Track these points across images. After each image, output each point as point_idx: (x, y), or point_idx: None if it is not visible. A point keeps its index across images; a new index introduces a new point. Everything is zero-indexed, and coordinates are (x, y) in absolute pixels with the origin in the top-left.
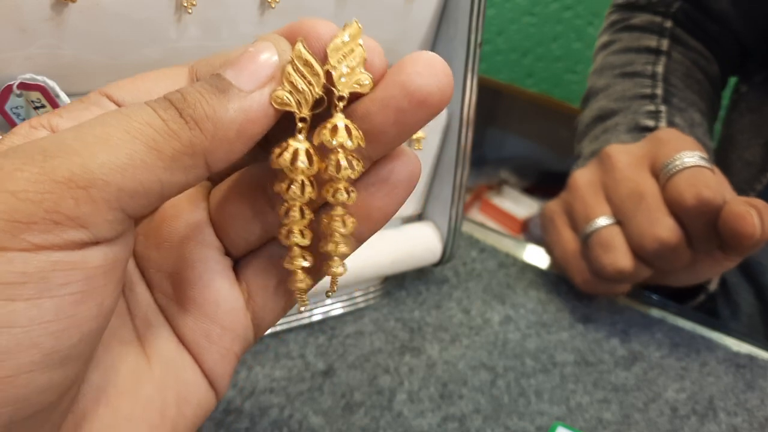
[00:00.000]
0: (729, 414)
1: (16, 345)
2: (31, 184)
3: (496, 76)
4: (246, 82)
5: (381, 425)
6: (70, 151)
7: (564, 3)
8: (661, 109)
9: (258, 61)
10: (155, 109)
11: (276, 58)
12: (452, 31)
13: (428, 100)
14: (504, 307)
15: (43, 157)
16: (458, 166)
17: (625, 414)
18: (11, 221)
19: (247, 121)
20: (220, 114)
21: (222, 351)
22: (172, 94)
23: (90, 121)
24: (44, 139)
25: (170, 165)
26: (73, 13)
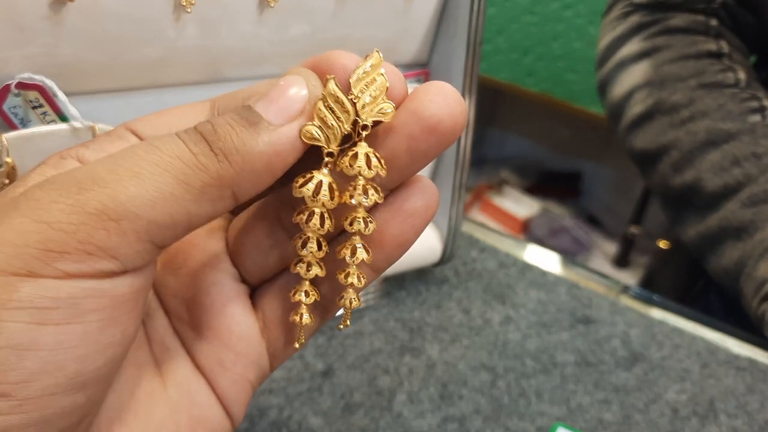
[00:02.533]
0: (729, 416)
1: (43, 368)
2: (66, 215)
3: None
4: (276, 115)
5: (380, 426)
6: (102, 183)
7: (565, 2)
8: None
9: (288, 95)
10: (185, 141)
11: (305, 93)
12: (452, 30)
13: (439, 126)
14: (504, 308)
15: (77, 190)
16: (458, 166)
17: (626, 415)
18: (46, 250)
19: (275, 155)
20: (250, 147)
21: (235, 377)
22: (203, 125)
23: (121, 153)
24: (78, 170)
25: (198, 197)
26: (71, 13)
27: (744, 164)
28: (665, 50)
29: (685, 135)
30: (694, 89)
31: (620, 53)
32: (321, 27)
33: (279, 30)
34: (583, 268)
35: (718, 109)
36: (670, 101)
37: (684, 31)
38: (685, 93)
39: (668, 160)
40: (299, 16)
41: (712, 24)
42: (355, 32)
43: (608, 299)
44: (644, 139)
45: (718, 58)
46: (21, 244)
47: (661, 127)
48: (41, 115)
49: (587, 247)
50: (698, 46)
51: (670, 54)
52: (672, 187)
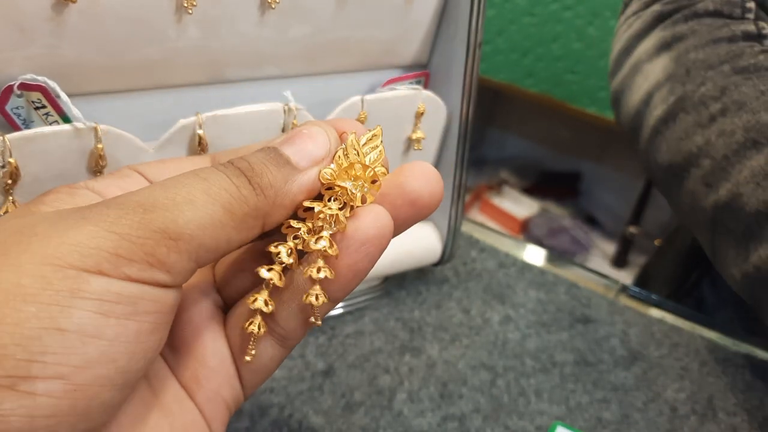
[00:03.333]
0: (728, 414)
1: (100, 357)
2: (134, 229)
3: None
4: (302, 159)
5: (381, 425)
6: (162, 207)
7: (564, 3)
8: None
9: (316, 143)
10: (228, 175)
11: (328, 143)
12: (452, 31)
13: (418, 201)
14: (504, 307)
15: (142, 210)
16: (458, 166)
17: (625, 414)
18: (116, 255)
19: (300, 192)
20: (281, 184)
21: (210, 394)
22: (239, 161)
23: (173, 181)
24: (136, 194)
25: (238, 225)
26: (73, 14)
27: None
28: (690, 37)
29: (717, 137)
30: (728, 76)
31: (636, 52)
32: (322, 28)
33: (280, 31)
34: (582, 267)
35: (759, 99)
36: (697, 94)
37: (714, 14)
38: (717, 81)
39: (698, 173)
40: (300, 18)
41: (749, 5)
42: (355, 33)
43: (607, 299)
44: (667, 149)
45: (758, 40)
46: (94, 246)
47: (686, 130)
48: (44, 116)
49: (586, 247)
50: (732, 27)
51: (695, 40)
52: (704, 210)
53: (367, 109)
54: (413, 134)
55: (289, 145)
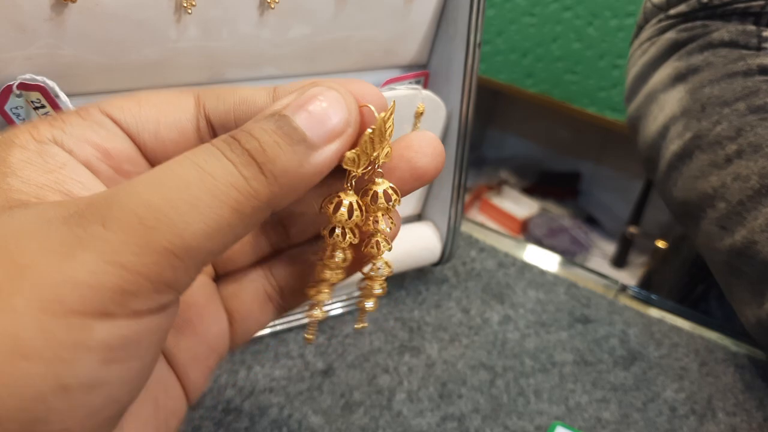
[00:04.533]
0: (728, 414)
1: (104, 402)
2: (138, 257)
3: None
4: (319, 134)
5: (380, 425)
6: (165, 220)
7: (564, 3)
8: None
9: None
10: (236, 165)
11: (347, 113)
12: (452, 31)
13: (425, 176)
14: (503, 307)
15: (144, 229)
16: (457, 166)
17: (624, 413)
18: (121, 291)
19: (315, 174)
20: (296, 168)
21: (204, 369)
22: (246, 139)
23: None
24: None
25: (248, 222)
26: (73, 14)
27: None
28: (705, 69)
29: (733, 180)
30: (744, 115)
31: (652, 81)
32: (321, 28)
33: (279, 31)
34: (582, 267)
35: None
36: (712, 133)
37: (730, 44)
38: (732, 121)
39: (713, 215)
40: (299, 18)
41: (765, 34)
42: (355, 34)
43: (606, 299)
44: (683, 186)
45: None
46: (97, 285)
47: (702, 169)
48: (43, 115)
49: (586, 247)
50: (747, 60)
51: (711, 73)
52: (719, 251)
53: None
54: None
55: (302, 114)
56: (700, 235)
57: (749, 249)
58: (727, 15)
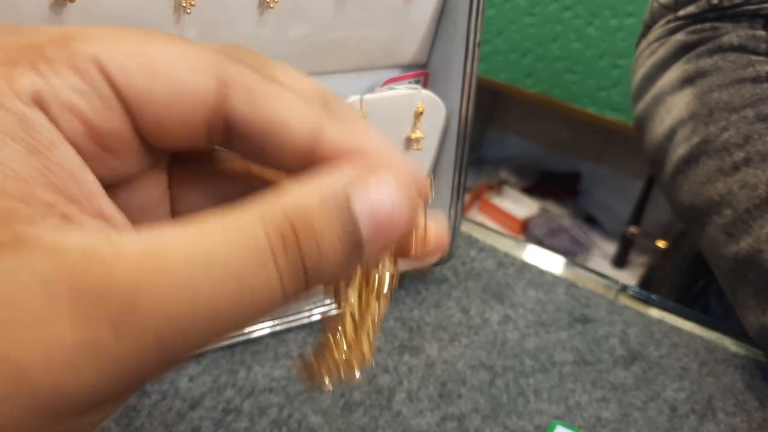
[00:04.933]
0: (728, 414)
1: None
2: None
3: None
4: (375, 244)
5: (380, 424)
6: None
7: (563, 3)
8: None
9: (397, 228)
10: (283, 277)
11: (408, 227)
12: (451, 31)
13: (425, 262)
14: (503, 307)
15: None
16: (457, 166)
17: (624, 413)
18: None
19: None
20: (337, 271)
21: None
22: (307, 239)
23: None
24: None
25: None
26: (71, 13)
27: None
28: (714, 74)
29: (740, 188)
30: (752, 123)
31: (660, 82)
32: (321, 28)
33: (279, 31)
34: (582, 267)
35: None
36: (720, 139)
37: (739, 49)
38: (740, 128)
39: (719, 221)
40: (299, 17)
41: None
42: (354, 33)
43: (606, 299)
44: (689, 191)
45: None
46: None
47: (708, 175)
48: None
49: (586, 247)
50: (756, 67)
51: (719, 78)
52: (725, 257)
53: (366, 108)
54: (412, 134)
55: (367, 216)
56: (705, 239)
57: (755, 257)
58: (737, 16)
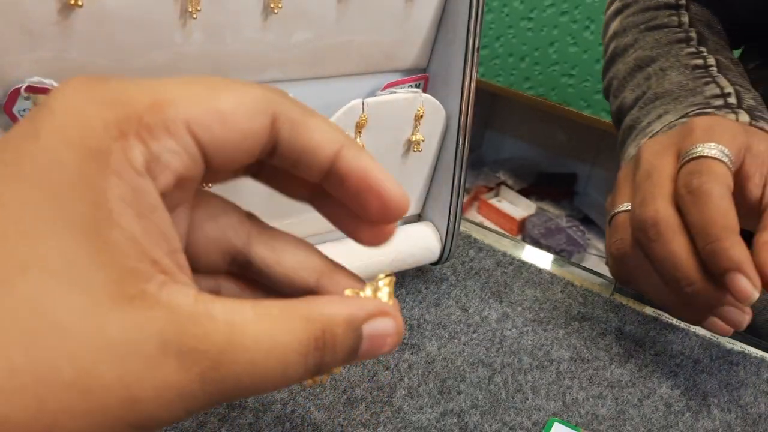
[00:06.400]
0: (722, 410)
1: None
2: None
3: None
4: (364, 354)
5: (381, 420)
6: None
7: (560, 8)
8: (702, 49)
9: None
10: (306, 368)
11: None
12: (451, 36)
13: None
14: (501, 305)
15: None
16: (456, 168)
17: (620, 409)
18: None
19: None
20: (336, 366)
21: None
22: (331, 347)
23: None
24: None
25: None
26: (79, 18)
27: (652, 77)
28: (632, 6)
29: (622, 65)
30: (642, 31)
31: (606, 15)
32: (323, 33)
33: (283, 36)
34: (578, 266)
35: (652, 42)
36: (622, 44)
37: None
38: (634, 36)
39: (611, 90)
40: (302, 22)
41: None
42: (356, 38)
43: (603, 297)
44: (603, 81)
45: (674, 8)
46: None
47: (613, 67)
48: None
49: (582, 247)
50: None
51: (633, 9)
52: (614, 113)
53: (367, 111)
54: (413, 136)
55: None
56: (612, 109)
57: (623, 104)
58: None
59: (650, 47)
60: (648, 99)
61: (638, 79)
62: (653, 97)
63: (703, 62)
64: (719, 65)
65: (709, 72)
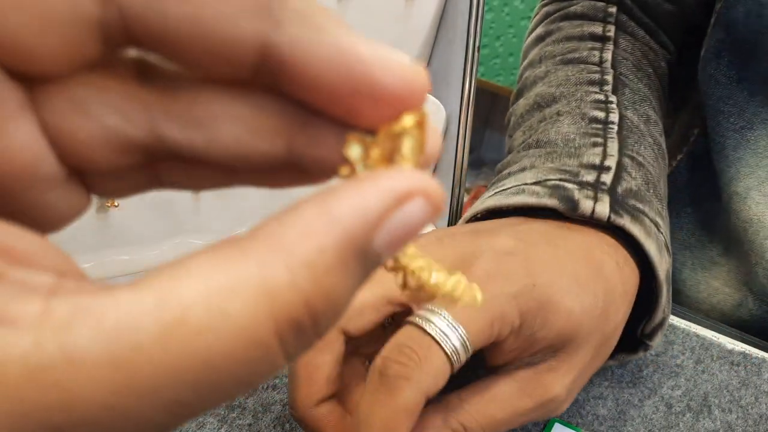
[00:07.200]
0: (723, 411)
1: None
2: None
3: (494, 79)
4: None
5: None
6: None
7: None
8: (612, 99)
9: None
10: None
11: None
12: (451, 35)
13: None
14: None
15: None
16: (456, 168)
17: (621, 410)
18: None
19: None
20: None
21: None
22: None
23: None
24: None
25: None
26: None
27: (546, 120)
28: (555, 33)
29: (523, 101)
30: (556, 64)
31: (525, 39)
32: None
33: None
34: None
35: (562, 78)
36: (532, 77)
37: (581, 16)
38: (547, 67)
39: (508, 128)
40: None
41: (610, 10)
42: None
43: None
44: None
45: (600, 40)
46: None
47: (516, 101)
48: None
49: None
50: (583, 28)
51: (556, 36)
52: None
53: None
54: None
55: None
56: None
57: (511, 145)
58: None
59: (557, 84)
60: (527, 144)
61: (532, 121)
62: (533, 143)
63: (604, 116)
64: (622, 124)
65: (606, 130)
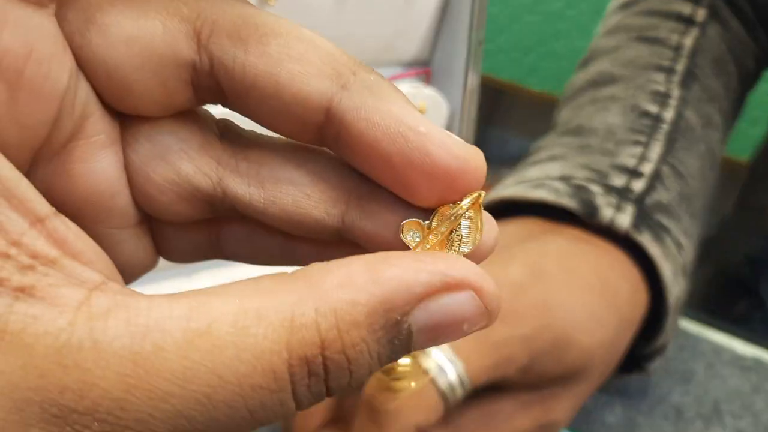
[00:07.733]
0: (734, 417)
1: None
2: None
3: (498, 74)
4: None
5: None
6: None
7: (567, 1)
8: (673, 94)
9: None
10: (299, 400)
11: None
12: (453, 29)
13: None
14: None
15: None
16: None
17: (629, 417)
18: None
19: None
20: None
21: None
22: (337, 371)
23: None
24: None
25: None
26: None
27: (597, 103)
28: (641, 3)
29: (583, 75)
30: (630, 40)
31: (610, 5)
32: (321, 26)
33: None
34: None
35: (630, 57)
36: (600, 47)
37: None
38: (619, 41)
39: (560, 105)
40: (300, 15)
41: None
42: (355, 31)
43: None
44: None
45: (685, 23)
46: None
47: (579, 72)
48: None
49: None
50: (671, 5)
51: (641, 7)
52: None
53: None
54: None
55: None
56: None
57: (556, 122)
58: None
59: (622, 63)
60: (568, 129)
61: (583, 100)
62: (574, 128)
63: (657, 111)
64: (676, 125)
65: (655, 128)
